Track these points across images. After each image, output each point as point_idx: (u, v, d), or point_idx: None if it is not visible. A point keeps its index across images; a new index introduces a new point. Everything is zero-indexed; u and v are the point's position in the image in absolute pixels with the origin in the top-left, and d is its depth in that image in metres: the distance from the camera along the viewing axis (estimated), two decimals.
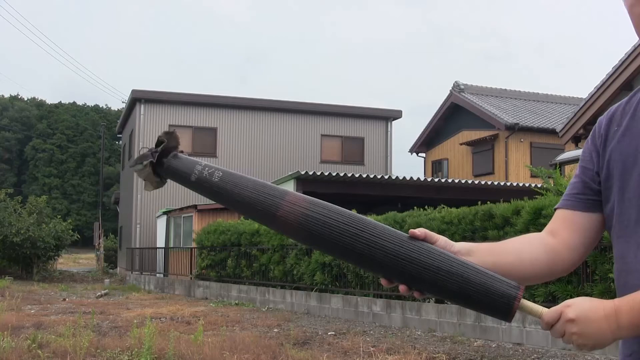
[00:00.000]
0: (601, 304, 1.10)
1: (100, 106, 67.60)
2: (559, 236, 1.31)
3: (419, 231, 1.24)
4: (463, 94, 23.21)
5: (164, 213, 19.89)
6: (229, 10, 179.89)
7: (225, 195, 1.33)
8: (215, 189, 1.34)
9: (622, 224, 1.22)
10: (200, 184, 1.36)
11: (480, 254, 1.26)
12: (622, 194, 1.22)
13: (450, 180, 15.59)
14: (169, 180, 1.46)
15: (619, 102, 1.33)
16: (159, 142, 1.40)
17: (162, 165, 1.39)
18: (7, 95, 67.14)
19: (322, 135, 24.93)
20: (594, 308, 1.09)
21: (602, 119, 1.33)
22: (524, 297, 1.19)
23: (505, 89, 24.95)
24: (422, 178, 16.13)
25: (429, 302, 8.78)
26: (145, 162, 1.38)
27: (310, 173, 14.67)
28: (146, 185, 1.44)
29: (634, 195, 1.19)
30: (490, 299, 1.20)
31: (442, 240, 1.26)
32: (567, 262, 1.30)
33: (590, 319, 1.08)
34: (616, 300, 1.11)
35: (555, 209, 1.37)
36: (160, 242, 20.24)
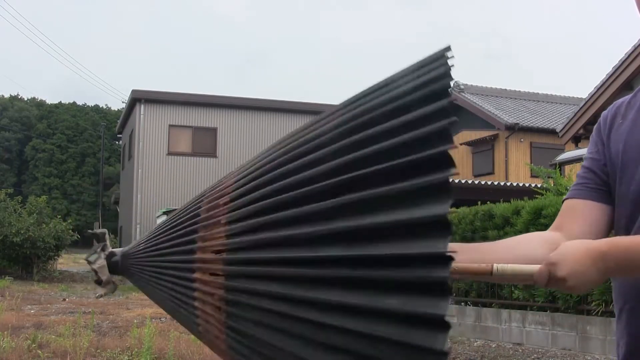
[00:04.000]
0: (586, 250, 1.05)
1: (100, 106, 67.56)
2: (564, 228, 1.27)
3: None
4: (463, 94, 23.20)
5: (164, 213, 19.89)
6: (228, 10, 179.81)
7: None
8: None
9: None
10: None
11: (465, 252, 1.21)
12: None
13: (450, 181, 15.57)
14: (168, 181, 1.40)
15: (624, 97, 1.33)
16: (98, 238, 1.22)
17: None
18: (7, 95, 67.10)
19: None
20: (580, 260, 1.04)
21: (607, 113, 1.33)
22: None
23: (505, 89, 24.94)
24: None
25: None
26: (99, 250, 1.19)
27: None
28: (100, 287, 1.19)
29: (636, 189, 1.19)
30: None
31: None
32: None
33: (579, 272, 1.04)
34: (602, 244, 1.08)
35: (563, 201, 1.34)
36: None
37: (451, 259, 0.70)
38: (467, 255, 1.19)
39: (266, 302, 0.77)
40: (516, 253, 1.23)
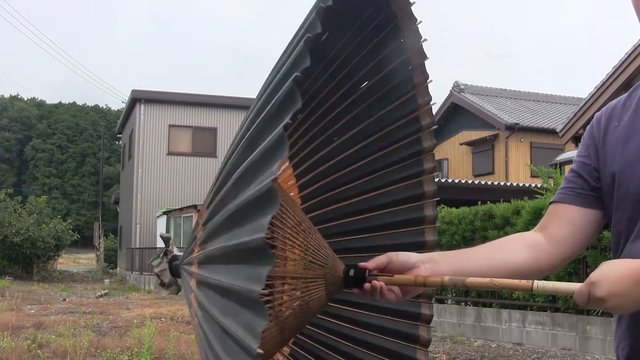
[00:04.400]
0: (629, 270, 1.02)
1: (100, 106, 67.60)
2: (548, 230, 1.28)
3: (370, 263, 1.19)
4: (463, 94, 23.21)
5: (164, 213, 19.89)
6: (228, 10, 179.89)
7: None
8: None
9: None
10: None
11: (445, 262, 1.22)
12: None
13: (450, 180, 15.59)
14: (168, 181, 1.44)
15: (618, 98, 1.31)
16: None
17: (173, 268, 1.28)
18: (7, 95, 67.11)
19: None
20: (621, 280, 1.01)
21: (601, 115, 1.31)
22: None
23: (505, 89, 24.94)
24: None
25: None
26: (161, 255, 1.29)
27: None
28: (163, 287, 1.31)
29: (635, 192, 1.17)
30: None
31: (401, 255, 1.19)
32: (554, 257, 1.26)
33: (619, 293, 1.01)
34: None
35: (550, 203, 1.34)
36: (160, 242, 20.20)
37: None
38: (447, 264, 1.21)
39: (203, 286, 1.08)
40: (496, 259, 1.24)
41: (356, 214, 1.45)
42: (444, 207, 9.52)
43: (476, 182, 15.65)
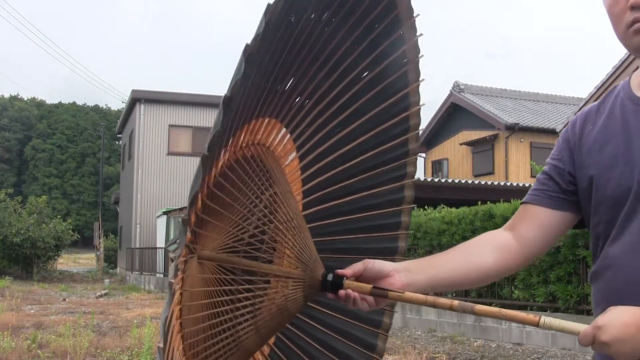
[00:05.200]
0: (633, 318, 1.06)
1: (100, 106, 67.55)
2: (517, 231, 1.32)
3: (348, 270, 1.20)
4: (463, 94, 23.20)
5: (164, 213, 19.89)
6: (228, 10, 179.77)
7: None
8: None
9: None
10: None
11: (419, 270, 1.24)
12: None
13: (450, 180, 15.58)
14: (168, 181, 1.43)
15: (592, 104, 1.33)
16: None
17: None
18: (7, 95, 67.07)
19: None
20: (625, 327, 1.05)
21: (576, 119, 1.33)
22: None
23: (505, 89, 24.93)
24: (422, 178, 16.11)
25: None
26: (178, 240, 1.33)
27: None
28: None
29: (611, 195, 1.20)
30: None
31: (377, 264, 1.21)
32: (522, 258, 1.31)
33: (624, 339, 1.04)
34: None
35: (521, 203, 1.37)
36: (160, 242, 20.22)
37: None
38: (422, 273, 1.24)
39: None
40: (467, 263, 1.28)
41: (344, 214, 1.42)
42: (444, 207, 9.52)
43: (476, 182, 15.64)
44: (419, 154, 28.59)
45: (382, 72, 1.34)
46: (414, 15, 1.31)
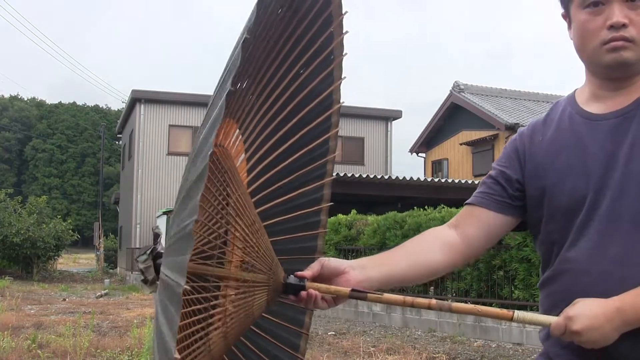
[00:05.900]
0: (602, 308, 1.14)
1: (100, 106, 67.56)
2: (462, 230, 1.38)
3: (307, 272, 1.23)
4: (463, 94, 23.20)
5: (164, 213, 19.89)
6: (228, 10, 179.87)
7: None
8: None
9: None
10: None
11: (374, 267, 1.29)
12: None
13: (450, 180, 15.59)
14: (168, 181, 1.43)
15: (538, 118, 1.40)
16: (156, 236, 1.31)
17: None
18: (7, 95, 67.09)
19: None
20: (595, 316, 1.13)
21: (524, 130, 1.40)
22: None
23: (505, 89, 24.94)
24: (422, 178, 16.13)
25: None
26: (148, 252, 1.27)
27: None
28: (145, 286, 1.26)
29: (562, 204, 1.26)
30: None
31: (332, 262, 1.25)
32: (467, 256, 1.38)
33: (594, 327, 1.13)
34: (617, 300, 1.15)
35: (466, 203, 1.42)
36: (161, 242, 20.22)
37: None
38: (376, 269, 1.29)
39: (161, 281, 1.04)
40: (417, 261, 1.33)
41: (279, 214, 1.44)
42: (444, 207, 9.52)
43: (476, 182, 15.64)
44: (418, 154, 28.39)
45: (313, 71, 1.37)
46: (343, 12, 1.35)
